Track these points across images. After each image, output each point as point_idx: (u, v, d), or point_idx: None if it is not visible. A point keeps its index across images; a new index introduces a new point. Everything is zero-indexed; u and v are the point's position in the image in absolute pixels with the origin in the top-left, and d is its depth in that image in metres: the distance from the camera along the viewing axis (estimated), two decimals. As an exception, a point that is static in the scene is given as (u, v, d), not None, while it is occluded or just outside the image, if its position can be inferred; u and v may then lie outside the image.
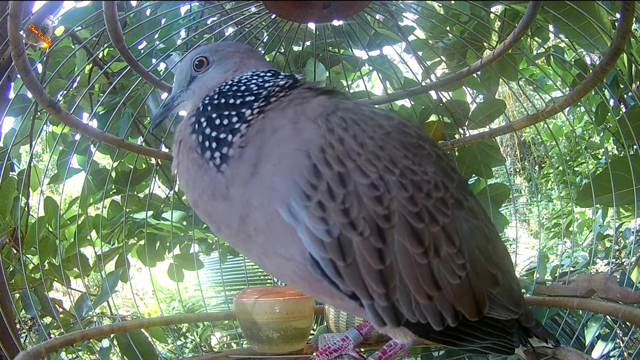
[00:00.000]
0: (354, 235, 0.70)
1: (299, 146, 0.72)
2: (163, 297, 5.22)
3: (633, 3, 1.01)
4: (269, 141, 0.74)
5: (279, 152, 0.73)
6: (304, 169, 0.70)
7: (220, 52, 0.89)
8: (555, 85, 2.39)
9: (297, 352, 1.43)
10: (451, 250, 0.76)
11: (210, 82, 0.86)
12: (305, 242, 0.70)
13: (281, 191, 0.71)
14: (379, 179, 0.71)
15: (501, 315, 0.84)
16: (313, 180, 0.70)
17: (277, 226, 0.72)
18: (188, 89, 0.89)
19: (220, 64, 0.88)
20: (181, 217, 1.90)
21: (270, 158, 0.73)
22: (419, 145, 0.80)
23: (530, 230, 6.43)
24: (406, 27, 1.79)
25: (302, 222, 0.70)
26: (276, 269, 0.80)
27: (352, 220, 0.70)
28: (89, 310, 1.73)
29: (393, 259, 0.72)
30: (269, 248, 0.75)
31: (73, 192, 4.75)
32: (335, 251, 0.70)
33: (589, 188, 1.46)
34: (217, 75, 0.87)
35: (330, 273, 0.71)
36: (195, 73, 0.88)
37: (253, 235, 0.75)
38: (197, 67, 0.88)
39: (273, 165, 0.72)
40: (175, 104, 0.91)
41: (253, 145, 0.74)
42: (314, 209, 0.69)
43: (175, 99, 0.91)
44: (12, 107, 1.78)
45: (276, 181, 0.71)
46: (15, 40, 1.01)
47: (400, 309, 0.74)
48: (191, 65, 0.89)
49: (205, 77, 0.88)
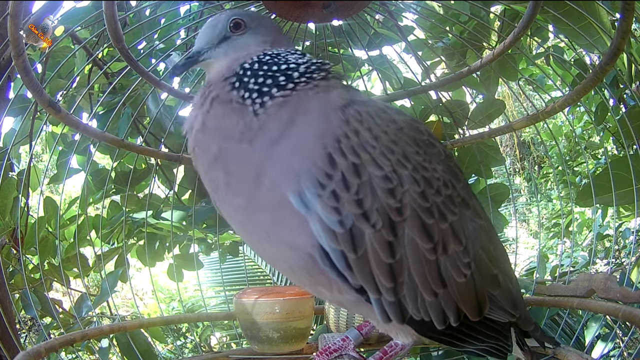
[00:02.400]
0: (366, 227, 0.70)
1: (317, 132, 0.72)
2: (163, 297, 5.22)
3: (633, 3, 1.01)
4: (297, 119, 0.73)
5: (302, 134, 0.72)
6: (319, 157, 0.70)
7: (258, 20, 0.87)
8: (555, 85, 2.39)
9: (297, 352, 1.43)
10: (458, 248, 0.76)
11: (244, 47, 0.83)
12: (317, 232, 0.70)
13: (296, 176, 0.70)
14: (393, 172, 0.72)
15: (499, 317, 0.84)
16: (328, 169, 0.69)
17: (286, 210, 0.71)
18: (218, 47, 0.85)
19: (257, 33, 0.85)
20: (181, 217, 1.90)
21: (293, 137, 0.72)
22: (430, 142, 0.80)
23: (530, 230, 6.43)
24: (406, 27, 1.79)
25: (314, 212, 0.69)
26: (277, 257, 0.79)
27: (365, 211, 0.69)
28: (88, 310, 1.73)
29: (403, 253, 0.72)
30: (274, 234, 0.74)
31: (73, 192, 4.75)
32: (347, 243, 0.69)
33: (588, 188, 1.46)
34: (254, 42, 0.84)
35: (340, 265, 0.71)
36: (229, 34, 0.84)
37: (258, 211, 0.74)
38: (234, 28, 0.84)
39: (294, 146, 0.72)
40: (201, 59, 0.85)
41: (288, 110, 0.74)
42: (327, 198, 0.69)
43: (202, 53, 0.85)
44: (12, 107, 1.78)
45: (293, 163, 0.71)
46: (15, 40, 1.01)
47: (406, 305, 0.74)
48: (227, 24, 0.85)
49: (240, 40, 0.84)
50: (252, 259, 3.84)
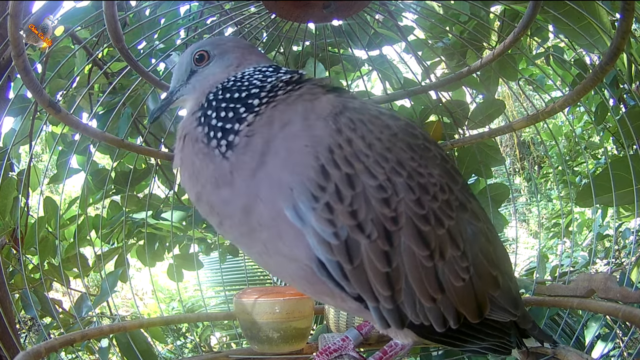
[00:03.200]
0: (361, 238, 0.69)
1: (308, 143, 0.71)
2: (163, 297, 5.22)
3: (633, 3, 1.01)
4: (277, 134, 0.73)
5: (289, 147, 0.72)
6: (312, 170, 0.69)
7: (221, 47, 0.87)
8: (555, 85, 2.39)
9: (297, 352, 1.43)
10: (456, 253, 0.76)
11: (211, 76, 0.84)
12: (312, 244, 0.70)
13: (289, 190, 0.70)
14: (387, 181, 0.71)
15: (500, 317, 0.84)
16: (321, 181, 0.69)
17: (282, 224, 0.71)
18: (188, 84, 0.87)
19: (222, 59, 0.86)
20: (181, 217, 1.90)
21: (280, 151, 0.72)
22: (425, 147, 0.80)
23: (529, 230, 6.43)
24: (406, 27, 1.79)
25: (309, 224, 0.69)
26: (278, 268, 0.80)
27: (360, 222, 0.69)
28: (88, 310, 1.73)
29: (399, 261, 0.71)
30: (272, 247, 0.74)
31: (73, 192, 4.75)
32: (343, 254, 0.69)
33: (588, 188, 1.46)
34: (219, 70, 0.85)
35: (337, 275, 0.71)
36: (195, 67, 0.86)
37: (257, 230, 0.74)
38: (198, 61, 0.86)
39: (282, 160, 0.71)
40: (174, 99, 0.89)
41: (260, 135, 0.73)
42: (321, 210, 0.69)
43: (175, 93, 0.88)
44: (12, 107, 1.78)
45: (284, 177, 0.70)
46: (15, 40, 1.01)
47: (405, 311, 0.74)
48: (191, 59, 0.87)
49: (206, 71, 0.86)
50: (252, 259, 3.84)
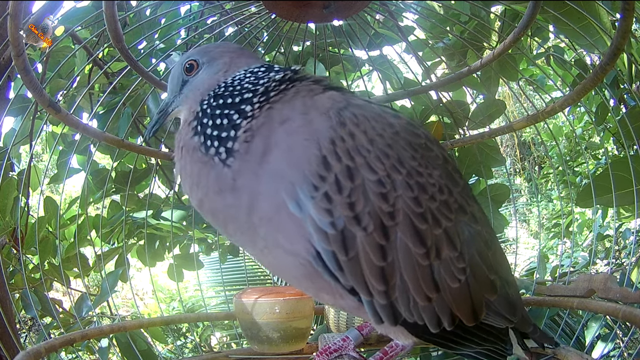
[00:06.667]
0: (357, 230, 0.70)
1: (309, 136, 0.72)
2: (163, 297, 5.22)
3: (633, 3, 1.01)
4: (277, 131, 0.74)
5: (289, 141, 0.73)
6: (313, 160, 0.70)
7: (209, 54, 0.88)
8: (555, 85, 2.39)
9: (297, 352, 1.43)
10: (452, 253, 0.76)
11: (201, 85, 0.85)
12: (310, 232, 0.71)
13: (289, 180, 0.71)
14: (386, 177, 0.72)
15: (497, 323, 0.84)
16: (322, 171, 0.70)
17: (282, 217, 0.72)
18: (181, 94, 0.88)
19: (210, 66, 0.87)
20: (181, 217, 1.90)
21: (280, 146, 0.73)
22: (427, 146, 0.80)
23: (530, 231, 6.43)
24: (406, 27, 1.79)
25: (307, 213, 0.70)
26: (278, 264, 0.80)
27: (357, 214, 0.70)
28: (88, 310, 1.73)
29: (395, 257, 0.72)
30: (272, 240, 0.75)
31: (73, 192, 4.76)
32: (338, 244, 0.70)
33: (589, 188, 1.46)
34: (208, 77, 0.86)
35: (332, 266, 0.71)
36: (186, 77, 0.88)
37: (257, 226, 0.74)
38: (188, 70, 0.88)
39: (282, 154, 0.72)
40: (170, 110, 0.91)
41: (260, 136, 0.74)
42: (320, 200, 0.69)
43: (170, 104, 0.90)
44: (12, 107, 1.78)
45: (285, 169, 0.71)
46: (15, 40, 1.01)
47: (399, 308, 0.74)
48: (182, 69, 0.88)
49: (196, 80, 0.87)
50: (252, 259, 3.84)
